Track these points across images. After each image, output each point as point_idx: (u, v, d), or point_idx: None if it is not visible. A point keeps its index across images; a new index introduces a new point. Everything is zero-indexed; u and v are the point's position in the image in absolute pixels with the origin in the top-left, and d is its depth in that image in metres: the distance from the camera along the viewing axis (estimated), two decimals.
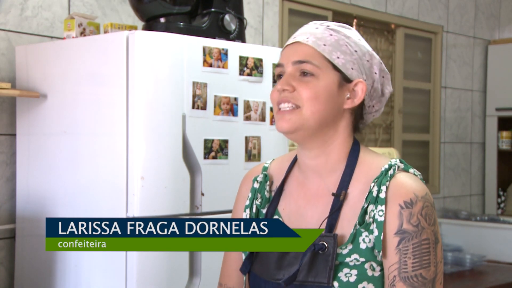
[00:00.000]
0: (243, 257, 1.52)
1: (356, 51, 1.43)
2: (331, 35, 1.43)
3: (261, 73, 2.51)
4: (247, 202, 1.54)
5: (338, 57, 1.41)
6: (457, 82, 5.27)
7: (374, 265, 1.35)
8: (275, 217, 1.49)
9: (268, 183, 1.53)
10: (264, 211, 1.51)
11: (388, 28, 4.77)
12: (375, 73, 1.46)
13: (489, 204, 5.44)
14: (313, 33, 1.43)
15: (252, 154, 2.47)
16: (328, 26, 1.45)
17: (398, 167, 1.41)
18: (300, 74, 1.41)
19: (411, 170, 1.42)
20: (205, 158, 2.32)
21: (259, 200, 1.51)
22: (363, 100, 1.45)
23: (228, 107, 2.39)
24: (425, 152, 5.09)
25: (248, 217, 1.53)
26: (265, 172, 1.55)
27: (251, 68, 2.47)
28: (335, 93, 1.41)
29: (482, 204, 5.50)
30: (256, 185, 1.53)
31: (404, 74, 4.86)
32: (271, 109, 2.54)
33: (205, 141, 2.33)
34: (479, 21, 5.44)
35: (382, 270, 1.36)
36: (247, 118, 2.46)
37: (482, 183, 5.50)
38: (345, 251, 1.36)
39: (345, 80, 1.42)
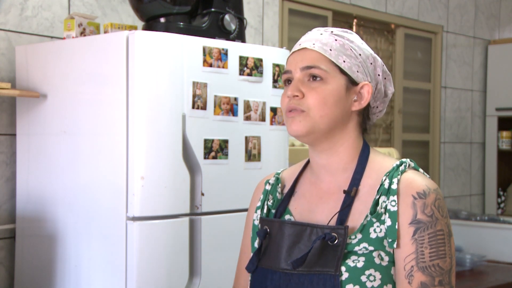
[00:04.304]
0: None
1: (360, 54, 1.48)
2: (336, 40, 1.47)
3: (261, 73, 2.51)
4: (259, 204, 1.58)
5: (344, 61, 1.45)
6: (457, 82, 5.27)
7: (383, 254, 1.37)
8: (286, 215, 1.51)
9: (279, 185, 1.57)
10: (274, 211, 1.54)
11: (388, 28, 4.77)
12: (378, 75, 1.51)
13: (489, 204, 5.44)
14: (318, 39, 1.47)
15: (252, 154, 2.47)
16: (332, 31, 1.50)
17: (409, 165, 1.46)
18: (309, 79, 1.45)
19: (420, 170, 1.47)
20: (205, 158, 2.32)
21: (271, 201, 1.55)
22: (369, 101, 1.49)
23: (228, 107, 2.39)
24: (425, 152, 5.09)
25: (258, 217, 1.56)
26: (277, 176, 1.60)
27: (251, 68, 2.47)
28: (343, 96, 1.45)
29: (482, 204, 5.50)
30: (268, 187, 1.58)
31: (404, 74, 4.86)
32: (271, 109, 2.54)
33: (205, 141, 2.33)
34: (479, 21, 5.44)
35: (389, 261, 1.38)
36: (247, 118, 2.46)
37: (482, 183, 5.50)
38: (354, 241, 1.39)
39: (351, 83, 1.46)
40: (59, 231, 2.44)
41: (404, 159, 1.46)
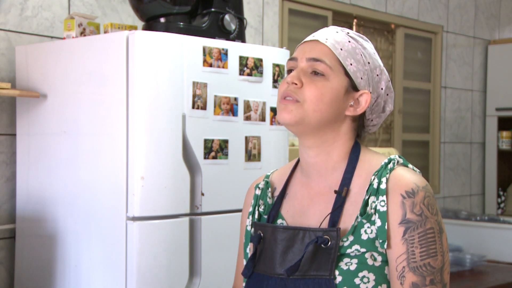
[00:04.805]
0: (244, 261, 1.53)
1: (369, 63, 1.47)
2: (349, 41, 1.46)
3: (261, 73, 2.51)
4: (250, 209, 1.56)
5: (351, 64, 1.44)
6: (457, 82, 5.27)
7: (375, 255, 1.37)
8: (278, 220, 1.50)
9: (270, 189, 1.56)
10: (266, 216, 1.53)
11: (388, 28, 4.77)
12: (381, 88, 1.50)
13: (489, 204, 5.44)
14: (333, 36, 1.47)
15: (252, 154, 2.47)
16: (348, 33, 1.49)
17: (398, 161, 1.44)
18: (312, 72, 1.44)
19: (410, 166, 1.46)
20: (205, 158, 2.32)
21: (262, 207, 1.54)
22: (364, 111, 1.48)
23: (228, 107, 2.39)
24: (425, 152, 5.09)
25: (250, 223, 1.55)
26: (266, 179, 1.58)
27: (251, 68, 2.47)
28: (341, 97, 1.44)
29: (482, 204, 5.50)
30: (258, 192, 1.56)
31: (404, 74, 4.86)
32: (271, 109, 2.54)
33: (205, 141, 2.33)
34: (479, 21, 5.44)
35: (382, 260, 1.37)
36: (247, 118, 2.46)
37: (482, 183, 5.50)
38: (346, 243, 1.37)
39: (352, 87, 1.45)
40: (59, 231, 2.44)
41: (392, 156, 1.44)
